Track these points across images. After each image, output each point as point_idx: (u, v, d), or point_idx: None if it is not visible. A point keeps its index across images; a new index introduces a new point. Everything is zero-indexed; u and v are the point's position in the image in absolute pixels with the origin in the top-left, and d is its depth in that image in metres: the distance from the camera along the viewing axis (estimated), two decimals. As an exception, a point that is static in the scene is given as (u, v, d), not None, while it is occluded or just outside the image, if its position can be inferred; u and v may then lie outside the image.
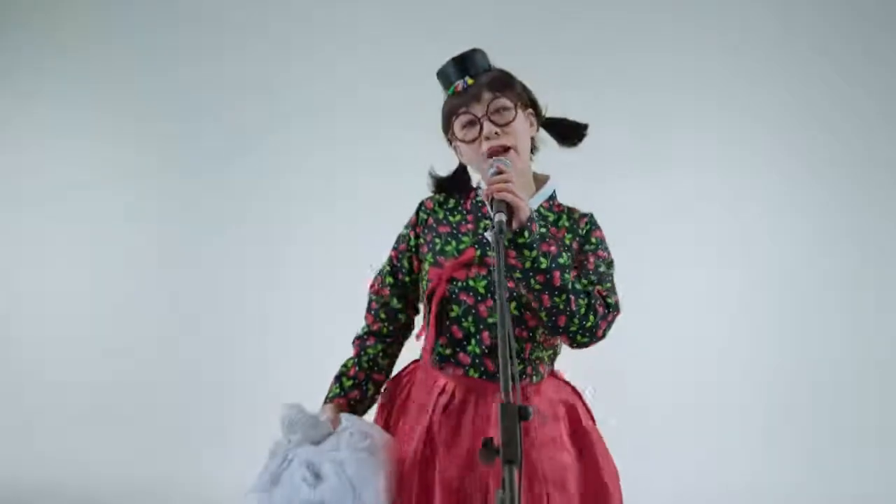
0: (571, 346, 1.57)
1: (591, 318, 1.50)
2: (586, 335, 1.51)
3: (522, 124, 1.61)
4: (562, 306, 1.48)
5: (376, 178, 4.25)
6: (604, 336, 1.55)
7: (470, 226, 1.67)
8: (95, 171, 4.83)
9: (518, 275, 1.49)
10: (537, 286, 1.48)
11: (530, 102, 1.65)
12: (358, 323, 1.87)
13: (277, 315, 4.46)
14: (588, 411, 1.69)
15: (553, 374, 1.69)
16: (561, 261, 1.49)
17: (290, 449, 1.57)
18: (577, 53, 4.35)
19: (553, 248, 1.50)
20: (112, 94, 4.84)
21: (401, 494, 1.58)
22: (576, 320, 1.49)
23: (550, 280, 1.47)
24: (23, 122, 4.95)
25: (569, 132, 1.70)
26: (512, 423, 1.07)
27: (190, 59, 4.75)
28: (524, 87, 1.65)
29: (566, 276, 1.49)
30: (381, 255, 1.92)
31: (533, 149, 1.69)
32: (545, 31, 4.44)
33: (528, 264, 1.47)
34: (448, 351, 1.61)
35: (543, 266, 1.47)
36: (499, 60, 1.73)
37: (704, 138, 4.36)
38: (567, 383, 1.71)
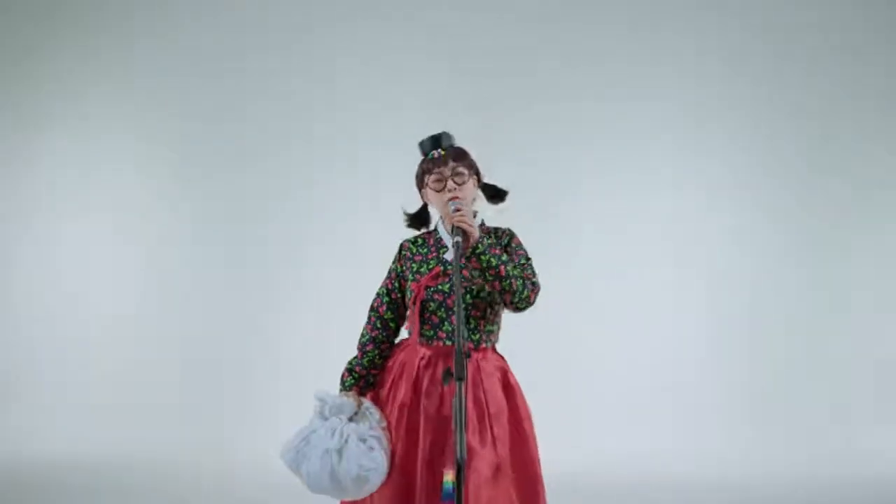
0: (515, 311, 2.40)
1: (525, 292, 2.35)
2: (523, 303, 2.36)
3: (471, 184, 2.46)
4: (507, 288, 2.31)
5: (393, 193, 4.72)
6: (533, 303, 2.39)
7: (433, 254, 2.50)
8: (135, 166, 5.37)
9: (476, 273, 2.32)
10: (490, 277, 2.31)
11: (476, 171, 2.50)
12: (352, 322, 2.65)
13: (292, 314, 5.06)
14: (512, 374, 2.50)
15: (494, 349, 2.51)
16: (503, 258, 2.33)
17: (344, 428, 2.35)
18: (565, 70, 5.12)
19: (497, 251, 2.33)
20: (149, 97, 5.35)
21: (396, 431, 2.41)
22: (517, 295, 2.33)
23: (498, 272, 2.30)
24: (63, 121, 5.44)
25: (495, 194, 2.56)
26: (461, 359, 1.92)
27: (216, 63, 5.30)
28: (473, 161, 2.50)
29: (507, 268, 2.32)
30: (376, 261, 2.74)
31: (474, 200, 2.53)
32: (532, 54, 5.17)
33: (484, 265, 2.29)
34: (431, 332, 2.42)
35: (494, 264, 2.30)
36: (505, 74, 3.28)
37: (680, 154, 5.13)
38: (501, 356, 2.53)
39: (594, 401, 4.77)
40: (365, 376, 2.50)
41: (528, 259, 2.46)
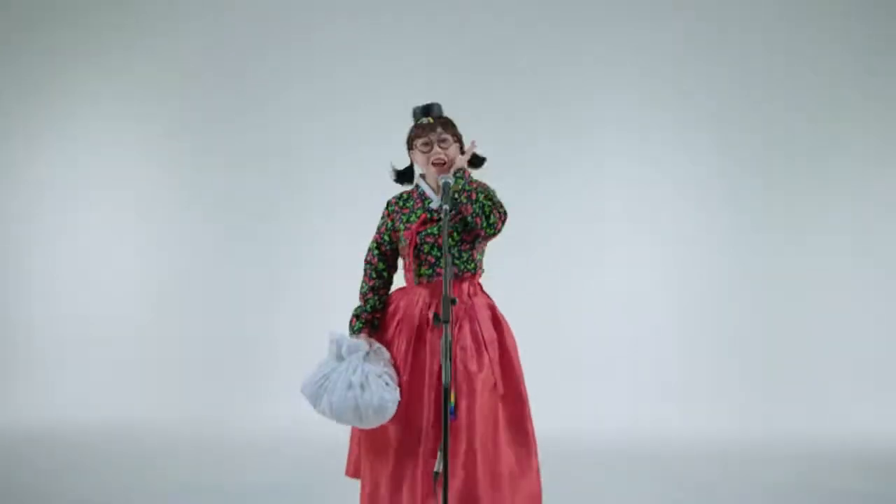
0: (486, 236, 2.72)
1: (493, 218, 2.71)
2: (492, 228, 2.71)
3: (454, 149, 2.82)
4: (478, 212, 2.67)
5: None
6: (501, 230, 2.72)
7: (419, 204, 2.85)
8: (152, 152, 5.59)
9: (460, 196, 2.69)
10: (465, 200, 2.68)
11: (459, 139, 2.85)
12: (349, 288, 3.03)
13: (294, 289, 5.39)
14: (500, 311, 2.88)
15: (481, 287, 2.88)
16: (476, 188, 2.69)
17: (363, 367, 2.72)
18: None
19: (473, 186, 2.70)
20: (172, 91, 5.53)
21: (404, 363, 2.81)
22: (485, 221, 2.69)
23: (469, 196, 2.67)
24: (85, 111, 5.61)
25: (475, 161, 2.89)
26: (447, 304, 2.33)
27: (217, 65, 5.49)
28: (458, 130, 2.85)
29: (478, 195, 2.69)
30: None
31: None
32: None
33: (460, 188, 2.68)
34: (429, 270, 2.79)
35: (468, 188, 2.68)
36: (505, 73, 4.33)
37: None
38: (488, 294, 2.89)
39: (577, 372, 5.14)
40: (370, 320, 2.86)
41: (493, 193, 2.80)
